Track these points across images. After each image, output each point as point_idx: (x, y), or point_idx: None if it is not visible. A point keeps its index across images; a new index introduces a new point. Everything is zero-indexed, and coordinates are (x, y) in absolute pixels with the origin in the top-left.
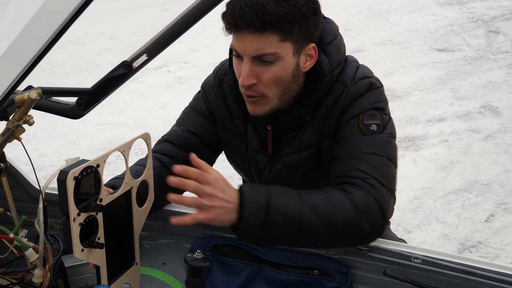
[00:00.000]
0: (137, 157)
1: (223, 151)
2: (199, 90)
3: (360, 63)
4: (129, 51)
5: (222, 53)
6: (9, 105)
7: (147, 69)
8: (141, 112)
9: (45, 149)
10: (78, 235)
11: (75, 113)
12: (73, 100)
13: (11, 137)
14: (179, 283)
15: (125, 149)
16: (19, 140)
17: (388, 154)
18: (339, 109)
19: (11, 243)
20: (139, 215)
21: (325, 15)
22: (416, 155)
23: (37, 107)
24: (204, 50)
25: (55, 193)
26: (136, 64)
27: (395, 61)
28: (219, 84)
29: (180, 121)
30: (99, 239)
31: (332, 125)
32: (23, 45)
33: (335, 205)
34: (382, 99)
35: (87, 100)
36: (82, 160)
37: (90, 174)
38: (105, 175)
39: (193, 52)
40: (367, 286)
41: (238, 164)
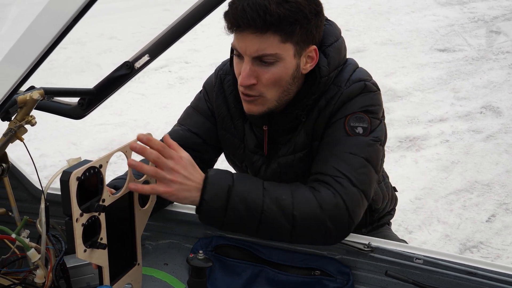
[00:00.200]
0: (138, 157)
1: (223, 151)
2: (201, 90)
3: (359, 66)
4: (130, 51)
5: (223, 53)
6: (11, 106)
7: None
8: (142, 112)
9: (46, 149)
10: (80, 235)
11: (77, 113)
12: (75, 100)
13: (13, 137)
14: (181, 284)
15: (127, 150)
16: (21, 140)
17: (367, 156)
18: (330, 111)
19: (13, 243)
20: (141, 216)
21: (326, 16)
22: (417, 155)
23: (39, 107)
24: (205, 50)
25: (57, 193)
26: (138, 64)
27: (396, 61)
28: (220, 84)
29: (181, 121)
30: (101, 239)
31: (322, 126)
32: (26, 46)
33: (299, 201)
34: (374, 103)
35: (89, 100)
36: (84, 160)
37: (93, 174)
38: (106, 175)
39: (194, 52)
40: (369, 286)
41: (236, 164)
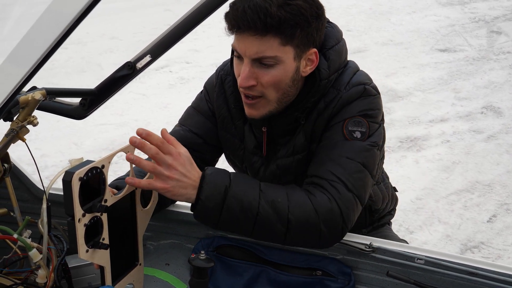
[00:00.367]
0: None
1: (223, 151)
2: (202, 90)
3: (359, 68)
4: (131, 51)
5: (223, 53)
6: (13, 106)
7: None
8: (143, 112)
9: (47, 149)
10: (83, 235)
11: (79, 113)
12: (76, 100)
13: (15, 137)
14: (183, 284)
15: (129, 150)
16: (23, 140)
17: (364, 161)
18: (329, 114)
19: (15, 243)
20: (143, 216)
21: (328, 17)
22: (418, 156)
23: (41, 107)
24: (205, 50)
25: (59, 193)
26: (139, 64)
27: (397, 61)
28: (221, 84)
29: (182, 121)
30: (103, 239)
31: (320, 129)
32: (29, 47)
33: (295, 204)
34: (374, 107)
35: (90, 100)
36: (87, 161)
37: (95, 175)
38: (108, 175)
39: (195, 52)
40: (370, 286)
41: (236, 164)
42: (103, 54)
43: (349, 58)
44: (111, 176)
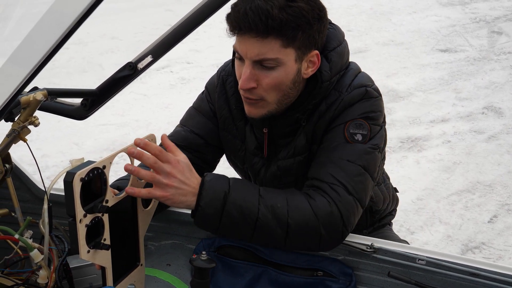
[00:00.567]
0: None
1: (224, 152)
2: (203, 90)
3: (361, 70)
4: (132, 51)
5: (224, 53)
6: (15, 106)
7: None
8: (144, 112)
9: (48, 149)
10: (84, 236)
11: (80, 114)
12: (78, 101)
13: (16, 138)
14: (184, 284)
15: None
16: (25, 141)
17: (365, 164)
18: (330, 116)
19: (16, 244)
20: (144, 216)
21: (329, 18)
22: (419, 156)
23: (42, 108)
24: (206, 50)
25: (60, 193)
26: (141, 65)
27: (398, 61)
28: (222, 85)
29: (183, 122)
30: (105, 240)
31: (321, 131)
32: (31, 47)
33: (294, 208)
34: (375, 109)
35: (92, 101)
36: (88, 161)
37: (96, 175)
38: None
39: (196, 52)
40: (372, 287)
41: (237, 165)
42: (104, 54)
43: (350, 58)
44: (112, 176)
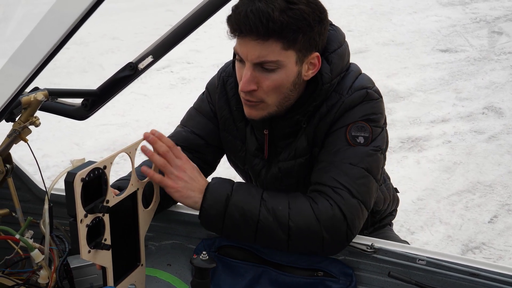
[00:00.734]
0: (141, 157)
1: (225, 153)
2: (204, 91)
3: (362, 72)
4: (132, 51)
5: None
6: (16, 107)
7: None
8: (144, 112)
9: (49, 149)
10: (85, 236)
11: (81, 114)
12: (78, 101)
13: (17, 138)
14: (184, 284)
15: (131, 151)
16: (26, 141)
17: (368, 166)
18: (331, 119)
19: (17, 244)
20: (145, 216)
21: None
22: (419, 156)
23: (43, 108)
24: (207, 51)
25: (61, 194)
26: (141, 65)
27: (398, 62)
28: (223, 86)
29: (184, 122)
30: (105, 240)
31: (323, 133)
32: (32, 48)
33: (296, 212)
34: (376, 111)
35: (92, 101)
36: (89, 161)
37: (97, 175)
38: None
39: (196, 52)
40: (372, 287)
41: (238, 166)
42: (105, 54)
43: (350, 59)
44: (112, 176)
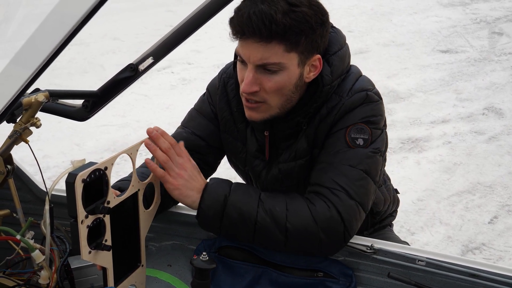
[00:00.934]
0: (142, 158)
1: (225, 153)
2: (204, 92)
3: (362, 74)
4: (133, 52)
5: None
6: (17, 108)
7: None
8: (145, 113)
9: (49, 150)
10: (85, 237)
11: (81, 115)
12: (79, 102)
13: (18, 139)
14: (185, 285)
15: (132, 152)
16: (26, 142)
17: (366, 168)
18: (331, 120)
19: (18, 244)
20: (146, 217)
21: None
22: (419, 157)
23: (44, 109)
24: (207, 51)
25: (61, 194)
26: (142, 66)
27: (399, 62)
28: (224, 87)
29: (185, 123)
30: (106, 241)
31: (323, 135)
32: (34, 49)
33: (293, 213)
34: (376, 113)
35: (93, 102)
36: (90, 162)
37: (98, 176)
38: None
39: (197, 53)
40: None
41: (238, 167)
42: (105, 55)
43: (351, 59)
44: (113, 177)
